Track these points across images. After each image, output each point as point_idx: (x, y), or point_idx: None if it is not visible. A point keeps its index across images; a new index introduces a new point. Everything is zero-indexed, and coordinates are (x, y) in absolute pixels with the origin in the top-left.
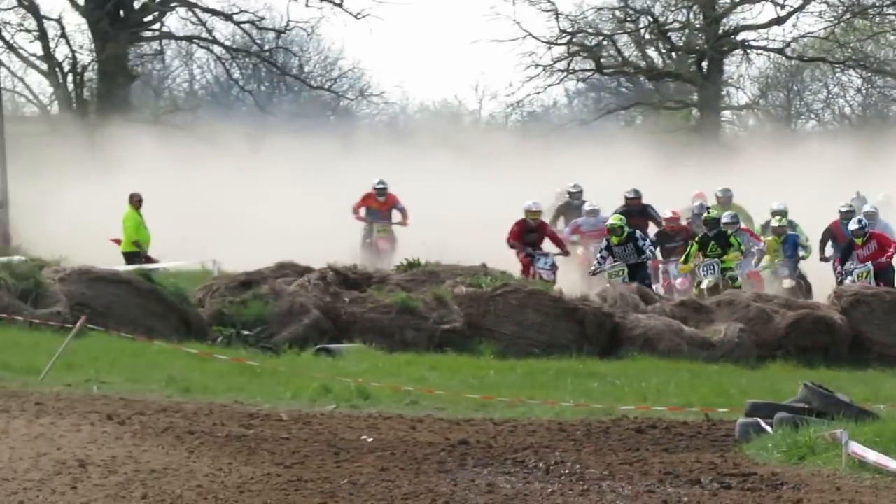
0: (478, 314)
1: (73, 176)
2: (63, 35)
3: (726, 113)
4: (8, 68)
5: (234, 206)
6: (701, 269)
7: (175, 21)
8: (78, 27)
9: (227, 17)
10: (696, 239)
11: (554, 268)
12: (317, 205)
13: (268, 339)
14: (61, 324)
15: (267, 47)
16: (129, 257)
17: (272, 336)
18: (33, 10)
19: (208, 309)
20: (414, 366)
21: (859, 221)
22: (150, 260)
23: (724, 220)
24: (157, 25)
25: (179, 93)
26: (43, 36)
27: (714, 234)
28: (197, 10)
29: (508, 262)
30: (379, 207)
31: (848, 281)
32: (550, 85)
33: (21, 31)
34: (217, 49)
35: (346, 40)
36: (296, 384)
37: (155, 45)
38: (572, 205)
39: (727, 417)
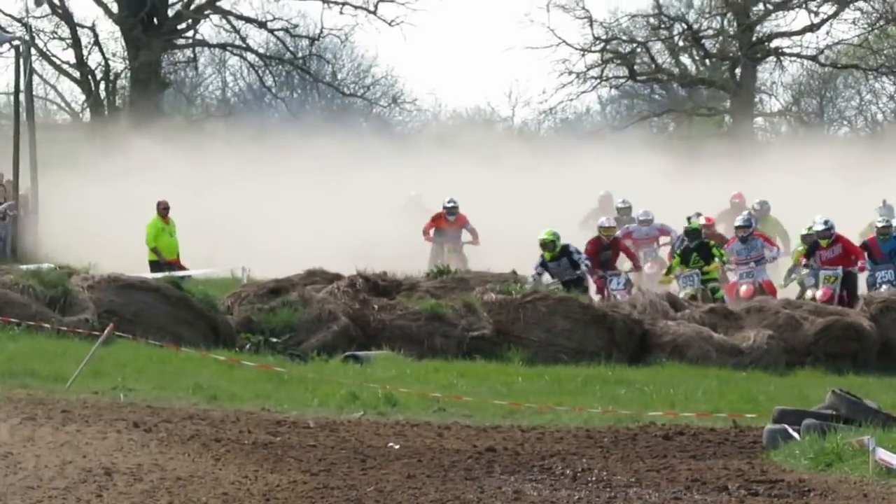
0: (507, 321)
1: (103, 183)
2: (96, 42)
3: (758, 120)
4: (41, 76)
5: (265, 213)
6: (680, 281)
7: (208, 28)
8: (111, 35)
9: (261, 25)
10: (678, 251)
11: (628, 285)
12: (347, 211)
13: (296, 346)
14: (89, 331)
15: (300, 55)
16: (153, 265)
17: (300, 343)
18: (67, 18)
19: (237, 316)
20: (442, 372)
21: (825, 223)
22: (181, 267)
23: (737, 222)
24: (190, 33)
25: (212, 100)
26: (76, 44)
27: (696, 245)
28: (231, 18)
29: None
30: (449, 227)
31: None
32: (584, 92)
33: (54, 38)
34: (250, 56)
35: (380, 47)
36: (323, 391)
37: (188, 52)
38: (621, 221)
39: (755, 424)
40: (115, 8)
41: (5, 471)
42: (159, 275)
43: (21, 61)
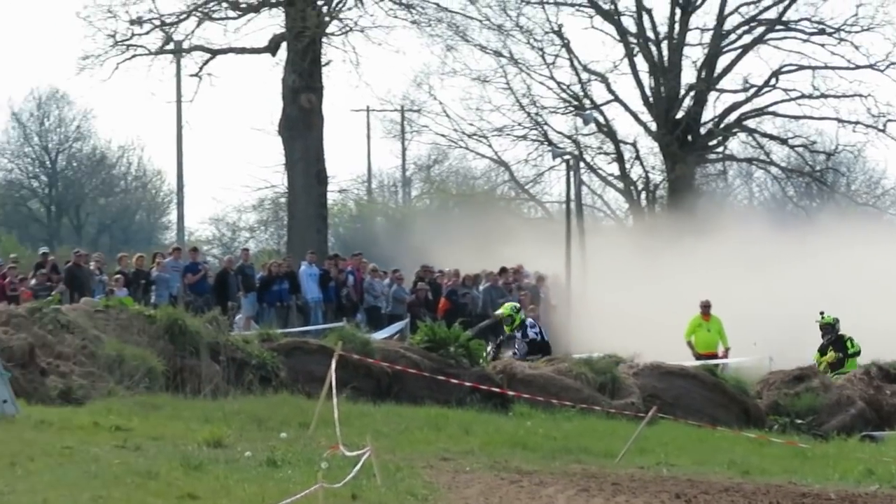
0: None
1: (644, 281)
2: (637, 157)
3: None
4: (588, 186)
5: (792, 307)
6: None
7: (736, 144)
8: (650, 150)
9: (783, 142)
10: (819, 348)
11: None
12: (874, 308)
13: (818, 426)
14: (635, 413)
15: (818, 168)
16: (697, 356)
17: (822, 424)
18: (611, 136)
19: (765, 400)
20: None
21: None
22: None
23: None
24: (720, 149)
25: (739, 209)
26: (619, 158)
27: (831, 340)
28: (756, 135)
29: None
30: None
31: None
32: None
33: (600, 153)
34: (773, 169)
35: (889, 161)
36: (842, 467)
37: (718, 165)
38: None
39: None
40: (653, 126)
41: None
42: (697, 363)
43: (571, 173)
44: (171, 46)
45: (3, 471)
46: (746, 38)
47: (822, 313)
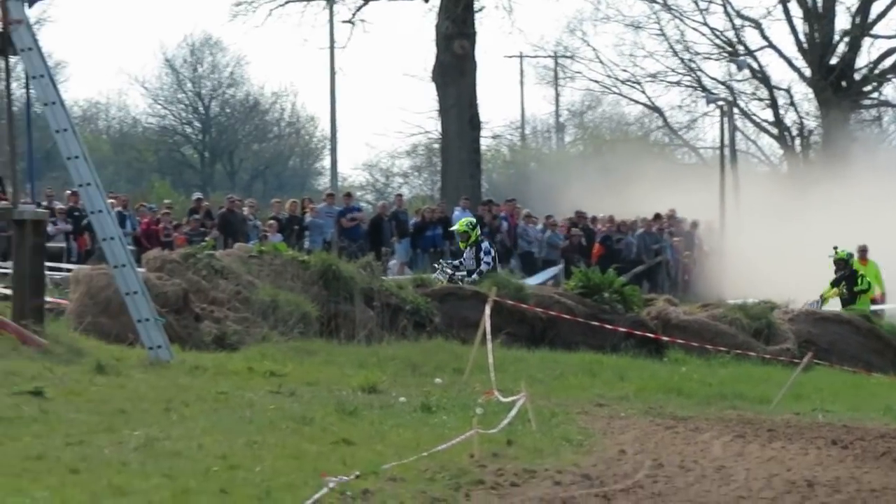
0: None
1: (799, 227)
2: (791, 103)
3: None
4: (742, 132)
5: None
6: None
7: (891, 90)
8: (805, 96)
9: None
10: (831, 282)
11: None
12: None
13: None
14: (790, 359)
15: None
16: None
17: None
18: (766, 82)
19: None
20: None
21: None
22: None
23: None
24: (875, 94)
25: (894, 154)
26: (773, 104)
27: (841, 275)
28: None
29: None
30: None
31: None
32: None
33: (754, 99)
34: None
35: None
36: None
37: (873, 111)
38: None
39: None
40: (807, 72)
41: (719, 482)
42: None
43: (725, 119)
44: None
45: (158, 416)
46: None
47: (835, 248)
